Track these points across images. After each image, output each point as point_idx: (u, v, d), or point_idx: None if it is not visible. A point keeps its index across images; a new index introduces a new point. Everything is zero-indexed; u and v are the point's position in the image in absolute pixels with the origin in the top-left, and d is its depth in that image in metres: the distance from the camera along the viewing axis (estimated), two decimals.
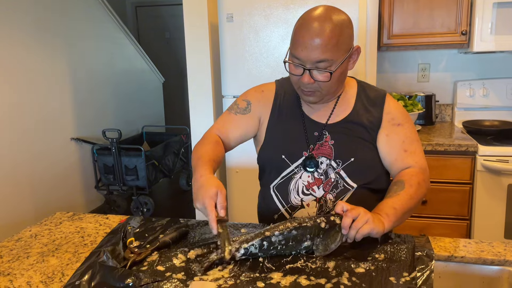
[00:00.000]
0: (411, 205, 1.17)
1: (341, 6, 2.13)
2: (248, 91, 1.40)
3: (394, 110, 1.29)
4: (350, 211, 1.05)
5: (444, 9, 2.40)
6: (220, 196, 1.05)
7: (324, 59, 1.12)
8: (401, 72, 2.89)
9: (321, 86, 1.18)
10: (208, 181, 1.07)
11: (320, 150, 1.27)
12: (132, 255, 1.06)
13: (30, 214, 3.20)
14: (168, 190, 4.72)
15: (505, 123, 2.57)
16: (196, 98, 2.57)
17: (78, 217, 1.39)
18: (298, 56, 1.14)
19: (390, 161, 1.27)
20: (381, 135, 1.27)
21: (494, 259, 1.04)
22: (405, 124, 1.28)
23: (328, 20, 1.12)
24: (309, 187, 1.27)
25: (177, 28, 5.86)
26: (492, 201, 2.21)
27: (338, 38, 1.12)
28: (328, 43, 1.10)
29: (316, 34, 1.10)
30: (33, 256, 1.13)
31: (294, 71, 1.19)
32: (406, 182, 1.19)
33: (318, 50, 1.11)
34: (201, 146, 1.26)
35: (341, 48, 1.13)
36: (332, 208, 1.26)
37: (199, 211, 1.10)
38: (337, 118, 1.29)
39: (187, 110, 2.82)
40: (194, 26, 2.48)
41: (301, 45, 1.12)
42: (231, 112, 1.37)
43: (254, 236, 1.05)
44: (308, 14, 1.15)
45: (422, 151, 1.29)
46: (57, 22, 3.51)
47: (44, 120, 3.37)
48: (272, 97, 1.35)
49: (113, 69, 4.36)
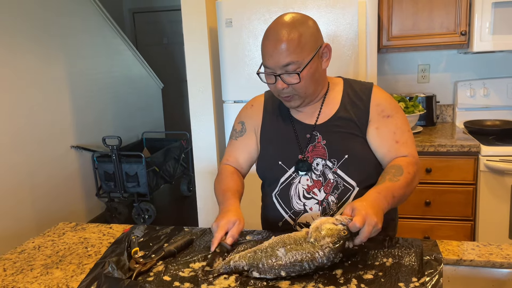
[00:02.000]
0: (405, 194, 1.17)
1: (340, 9, 2.15)
2: (240, 111, 1.45)
3: (383, 102, 1.28)
4: (367, 234, 0.99)
5: (443, 9, 2.40)
6: (236, 226, 1.11)
7: (290, 61, 1.16)
8: (401, 73, 2.88)
9: (296, 89, 1.21)
10: (235, 210, 1.16)
11: (314, 151, 1.27)
12: (138, 265, 1.05)
13: (31, 223, 3.18)
14: (169, 196, 4.70)
15: (506, 123, 2.56)
16: (197, 104, 2.56)
17: (81, 227, 1.38)
18: (267, 65, 1.20)
19: (383, 153, 1.26)
20: (371, 128, 1.26)
21: (503, 262, 1.03)
22: (395, 115, 1.27)
23: (286, 25, 1.17)
24: (309, 190, 1.26)
25: (175, 33, 5.86)
26: (496, 202, 2.20)
27: (298, 39, 1.16)
28: (289, 46, 1.15)
29: (277, 40, 1.16)
30: (37, 269, 1.11)
31: (268, 80, 1.23)
32: (404, 168, 1.18)
33: (282, 55, 1.16)
34: (222, 180, 1.33)
35: (305, 48, 1.17)
36: (335, 210, 1.25)
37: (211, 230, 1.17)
38: (325, 117, 1.29)
39: (187, 115, 2.81)
40: (193, 32, 2.47)
41: (267, 54, 1.18)
42: (232, 139, 1.42)
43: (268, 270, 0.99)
44: (271, 24, 1.21)
45: (413, 142, 1.28)
46: (54, 30, 3.50)
47: (43, 128, 3.36)
48: (262, 108, 1.39)
49: (111, 76, 4.35)
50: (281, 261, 0.97)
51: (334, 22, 2.17)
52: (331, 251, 0.97)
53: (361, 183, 1.25)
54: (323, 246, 0.97)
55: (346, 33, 2.15)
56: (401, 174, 1.17)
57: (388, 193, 1.11)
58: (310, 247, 0.98)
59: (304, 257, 0.97)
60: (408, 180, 1.17)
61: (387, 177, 1.16)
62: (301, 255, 0.97)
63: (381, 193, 1.10)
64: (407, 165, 1.20)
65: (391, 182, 1.14)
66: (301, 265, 0.97)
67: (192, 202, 4.36)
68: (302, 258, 0.97)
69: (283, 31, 1.16)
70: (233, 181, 1.32)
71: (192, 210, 3.99)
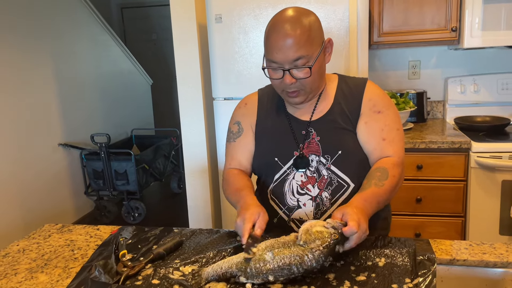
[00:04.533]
0: (389, 198, 1.18)
1: (332, 5, 2.12)
2: (234, 112, 1.42)
3: (375, 97, 1.27)
4: (357, 240, 0.99)
5: (433, 5, 2.39)
6: (262, 217, 1.08)
7: (300, 56, 1.14)
8: (392, 69, 2.87)
9: (304, 84, 1.19)
10: (255, 204, 1.14)
11: (309, 148, 1.26)
12: (125, 269, 1.03)
13: (18, 221, 3.12)
14: (160, 193, 4.66)
15: (496, 119, 2.57)
16: (186, 101, 2.52)
17: (67, 228, 1.34)
18: (274, 59, 1.16)
19: (369, 150, 1.26)
20: (361, 122, 1.26)
21: (496, 261, 1.02)
22: (386, 111, 1.26)
23: (295, 19, 1.15)
24: (303, 186, 1.26)
25: (164, 29, 5.79)
26: (487, 198, 2.20)
27: (308, 33, 1.14)
28: (300, 40, 1.13)
29: (288, 34, 1.13)
30: (21, 273, 1.08)
31: (274, 75, 1.20)
32: (390, 171, 1.18)
33: (292, 48, 1.13)
34: (231, 183, 1.30)
35: (314, 42, 1.16)
36: (329, 206, 1.24)
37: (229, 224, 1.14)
38: (320, 113, 1.29)
39: (177, 112, 2.77)
40: (182, 28, 2.43)
41: (275, 48, 1.15)
42: (231, 142, 1.39)
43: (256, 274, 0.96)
44: (276, 18, 1.18)
45: (401, 140, 1.27)
46: (40, 25, 3.43)
47: (30, 126, 3.29)
48: (256, 105, 1.37)
49: (99, 72, 4.28)
50: (269, 265, 0.95)
51: (325, 18, 2.15)
52: (321, 254, 0.95)
53: (356, 178, 1.24)
54: (313, 249, 0.95)
55: (337, 29, 2.13)
56: (386, 178, 1.16)
57: (374, 200, 1.12)
58: (299, 250, 0.96)
59: (293, 260, 0.95)
60: (393, 184, 1.17)
61: (373, 181, 1.16)
62: (289, 258, 0.95)
63: (367, 200, 1.10)
64: (392, 167, 1.19)
65: (376, 188, 1.15)
66: (289, 269, 0.94)
67: (182, 199, 4.32)
68: (290, 261, 0.95)
69: (291, 25, 1.14)
70: (243, 181, 1.29)
71: (182, 207, 3.96)
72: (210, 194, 2.60)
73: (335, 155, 1.24)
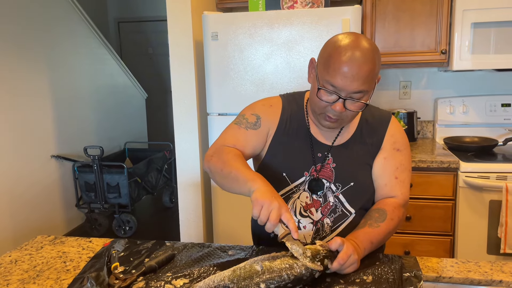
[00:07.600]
0: (385, 239, 1.19)
1: (325, 26, 2.18)
2: (255, 104, 1.33)
3: (397, 134, 1.29)
4: (344, 256, 1.03)
5: (424, 28, 2.46)
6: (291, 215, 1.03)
7: (362, 90, 1.10)
8: (384, 89, 2.93)
9: (348, 115, 1.16)
10: (277, 195, 1.04)
11: (322, 172, 1.25)
12: (117, 281, 1.04)
13: (9, 233, 3.10)
14: (151, 207, 4.65)
15: (484, 140, 2.62)
16: (181, 115, 2.55)
17: (60, 240, 1.35)
18: (335, 84, 1.10)
19: (380, 185, 1.27)
20: (379, 157, 1.27)
21: (481, 279, 1.05)
22: (404, 150, 1.28)
23: (369, 52, 1.09)
24: (306, 208, 1.25)
25: (160, 44, 5.86)
26: (475, 217, 2.24)
27: (375, 70, 1.11)
28: (368, 75, 1.09)
29: (360, 65, 1.07)
30: (13, 284, 1.09)
31: (326, 97, 1.14)
32: (388, 214, 1.19)
33: (359, 81, 1.08)
34: (233, 155, 1.17)
35: (374, 79, 1.13)
36: (328, 233, 1.25)
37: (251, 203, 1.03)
38: (342, 140, 1.28)
39: (170, 126, 2.80)
40: (179, 44, 2.47)
41: (341, 74, 1.08)
42: (241, 127, 1.28)
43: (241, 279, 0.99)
44: (348, 43, 1.10)
45: (410, 182, 1.30)
46: (38, 38, 3.46)
47: (24, 137, 3.30)
48: (279, 112, 1.30)
49: (95, 85, 4.31)
50: (259, 273, 0.98)
51: (318, 38, 2.21)
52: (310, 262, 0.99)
53: (359, 210, 1.26)
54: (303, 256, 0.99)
55: None
56: (383, 220, 1.18)
57: (365, 239, 1.13)
58: (289, 259, 1.00)
59: (283, 267, 0.98)
60: (390, 227, 1.18)
61: (368, 222, 1.18)
62: (279, 264, 0.98)
63: (358, 238, 1.12)
64: (392, 210, 1.21)
65: (370, 228, 1.16)
66: (280, 275, 0.97)
67: (174, 213, 4.32)
68: (280, 267, 0.98)
69: (365, 58, 1.08)
70: (245, 162, 1.17)
71: (174, 221, 3.96)
72: (202, 208, 2.62)
73: (347, 185, 1.24)
